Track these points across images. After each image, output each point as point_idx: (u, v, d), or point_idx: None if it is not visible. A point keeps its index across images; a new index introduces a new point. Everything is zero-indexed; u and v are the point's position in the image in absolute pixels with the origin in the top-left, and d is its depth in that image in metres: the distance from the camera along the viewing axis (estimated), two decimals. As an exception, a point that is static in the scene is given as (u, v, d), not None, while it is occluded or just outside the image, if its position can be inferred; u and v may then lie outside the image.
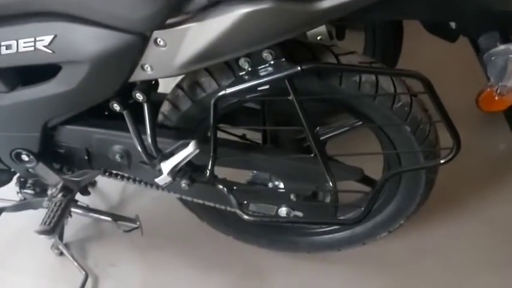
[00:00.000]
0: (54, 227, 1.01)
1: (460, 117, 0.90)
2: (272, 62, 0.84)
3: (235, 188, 0.99)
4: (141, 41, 0.79)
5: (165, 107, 1.04)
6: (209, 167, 0.94)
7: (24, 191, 1.14)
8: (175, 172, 0.91)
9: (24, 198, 1.15)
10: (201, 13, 0.75)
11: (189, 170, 0.96)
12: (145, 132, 0.93)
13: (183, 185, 0.96)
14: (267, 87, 0.85)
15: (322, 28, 1.25)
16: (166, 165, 0.90)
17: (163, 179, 0.91)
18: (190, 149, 0.87)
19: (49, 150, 1.04)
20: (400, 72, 0.82)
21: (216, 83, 0.95)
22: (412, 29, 1.13)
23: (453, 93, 0.91)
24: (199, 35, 0.76)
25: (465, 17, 0.80)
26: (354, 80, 0.93)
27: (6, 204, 1.22)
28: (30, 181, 1.13)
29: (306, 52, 0.91)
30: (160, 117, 1.05)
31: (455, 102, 0.85)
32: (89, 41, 0.79)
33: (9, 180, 1.17)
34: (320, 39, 1.25)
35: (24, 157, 1.03)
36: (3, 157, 1.04)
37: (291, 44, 0.90)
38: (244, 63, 0.84)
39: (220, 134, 0.96)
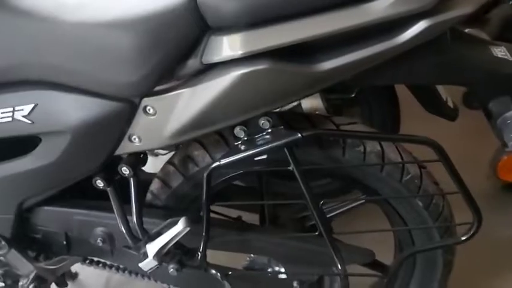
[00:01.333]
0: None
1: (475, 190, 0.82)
2: (270, 130, 0.78)
3: (230, 273, 0.87)
4: (129, 109, 0.73)
5: (155, 185, 0.96)
6: (201, 250, 0.84)
7: (-8, 283, 1.01)
8: (162, 255, 0.80)
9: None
10: (193, 78, 0.70)
11: (178, 253, 0.85)
12: (130, 212, 0.84)
13: (171, 270, 0.85)
14: (264, 157, 0.78)
15: (319, 103, 1.22)
16: (152, 247, 0.80)
17: (148, 263, 0.80)
18: (179, 227, 0.78)
19: (23, 235, 0.94)
20: (410, 138, 0.76)
21: (210, 156, 0.88)
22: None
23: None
24: (192, 101, 0.71)
25: (476, 81, 0.76)
26: (358, 150, 0.86)
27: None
28: (-1, 271, 1.01)
29: (305, 122, 0.86)
30: (148, 196, 0.96)
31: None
32: (71, 110, 0.73)
33: None
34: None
35: None
36: None
37: (289, 114, 0.85)
38: (239, 131, 0.78)
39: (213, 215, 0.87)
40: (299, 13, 0.63)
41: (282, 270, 0.94)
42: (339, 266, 0.83)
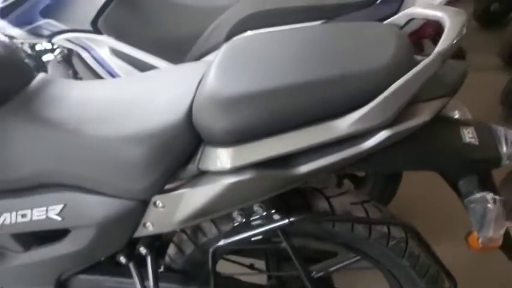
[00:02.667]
0: None
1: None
2: (264, 214, 0.89)
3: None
4: (142, 205, 0.86)
5: (171, 250, 1.08)
6: (211, 314, 0.96)
7: None
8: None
9: None
10: (193, 180, 0.83)
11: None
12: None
13: None
14: (260, 236, 0.90)
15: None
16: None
17: None
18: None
19: None
20: (388, 222, 0.86)
21: (216, 228, 1.00)
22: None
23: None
24: (193, 198, 0.83)
25: (444, 166, 0.84)
26: (347, 223, 0.96)
27: None
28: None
29: (297, 197, 0.96)
30: (167, 259, 1.09)
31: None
32: (95, 208, 0.87)
33: None
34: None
35: None
36: None
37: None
38: (237, 215, 0.90)
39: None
40: (278, 130, 0.75)
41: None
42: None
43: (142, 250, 0.95)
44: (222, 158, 0.76)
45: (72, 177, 0.86)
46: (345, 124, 0.72)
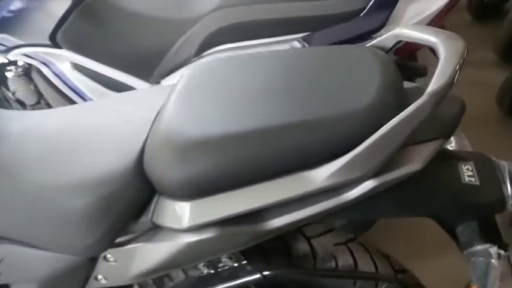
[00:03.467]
0: None
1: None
2: (235, 265, 0.77)
3: None
4: (90, 261, 0.74)
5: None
6: None
7: None
8: None
9: None
10: (147, 234, 0.71)
11: None
12: None
13: None
14: None
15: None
16: None
17: None
18: None
19: None
20: (375, 276, 0.75)
21: (184, 273, 0.89)
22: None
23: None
24: (148, 254, 0.71)
25: (440, 211, 0.73)
26: (330, 265, 0.85)
27: None
28: None
29: (275, 240, 0.85)
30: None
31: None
32: (35, 264, 0.74)
33: None
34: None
35: None
36: None
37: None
38: (203, 267, 0.78)
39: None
40: (245, 183, 0.63)
41: None
42: None
43: None
44: (177, 214, 0.64)
45: (9, 228, 0.73)
46: (321, 176, 0.61)
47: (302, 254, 0.85)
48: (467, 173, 0.73)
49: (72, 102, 1.31)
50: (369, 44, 0.76)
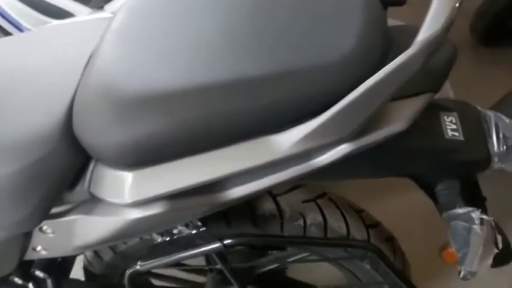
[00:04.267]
0: None
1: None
2: (193, 233, 0.69)
3: None
4: (24, 234, 0.64)
5: (89, 253, 0.89)
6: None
7: None
8: None
9: None
10: (86, 205, 0.60)
11: None
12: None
13: None
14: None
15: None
16: None
17: None
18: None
19: None
20: (346, 243, 0.69)
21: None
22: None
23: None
24: (89, 227, 0.61)
25: (419, 169, 0.66)
26: (298, 224, 0.78)
27: None
28: None
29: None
30: (84, 261, 0.91)
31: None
32: None
33: None
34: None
35: None
36: None
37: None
38: (156, 236, 0.69)
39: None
40: (198, 149, 0.52)
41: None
42: None
43: (39, 273, 0.74)
44: (117, 186, 0.53)
45: None
46: (287, 142, 0.50)
47: (268, 214, 0.77)
48: (451, 126, 0.65)
49: (5, 32, 1.12)
50: None
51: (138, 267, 0.70)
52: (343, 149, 0.53)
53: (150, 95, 0.50)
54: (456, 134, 0.64)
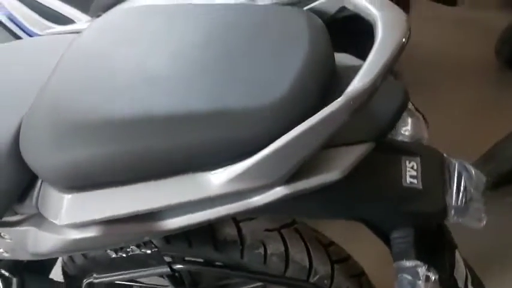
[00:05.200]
0: None
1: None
2: (148, 252, 0.70)
3: None
4: None
5: (65, 257, 0.92)
6: None
7: None
8: None
9: None
10: (37, 218, 0.62)
11: None
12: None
13: None
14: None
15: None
16: None
17: None
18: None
19: None
20: (285, 281, 0.68)
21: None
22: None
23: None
24: (41, 240, 0.63)
25: (371, 216, 0.64)
26: (258, 252, 0.78)
27: None
28: None
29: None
30: (62, 261, 0.94)
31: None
32: None
33: None
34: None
35: None
36: None
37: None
38: (111, 252, 0.71)
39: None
40: (131, 179, 0.53)
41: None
42: None
43: (4, 272, 0.78)
44: (56, 207, 0.55)
45: None
46: (220, 181, 0.50)
47: (229, 239, 0.77)
48: (411, 172, 0.63)
49: (14, 34, 1.18)
50: (308, 6, 0.62)
51: (92, 279, 0.72)
52: (276, 192, 0.52)
53: (84, 124, 0.52)
54: (415, 181, 0.62)
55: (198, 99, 0.51)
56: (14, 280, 0.79)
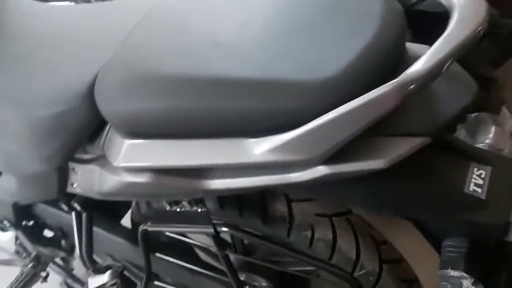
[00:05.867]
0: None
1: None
2: (198, 210, 0.73)
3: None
4: (59, 170, 0.75)
5: (133, 203, 1.00)
6: (141, 289, 0.88)
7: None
8: (100, 290, 0.86)
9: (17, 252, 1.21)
10: (103, 159, 0.68)
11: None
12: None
13: None
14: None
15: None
16: (93, 283, 0.86)
17: (92, 289, 0.88)
18: (105, 278, 0.82)
19: (27, 221, 1.07)
20: (328, 269, 0.66)
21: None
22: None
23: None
24: (103, 179, 0.69)
25: (423, 218, 0.60)
26: (305, 234, 0.77)
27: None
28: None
29: (256, 194, 0.78)
30: (132, 207, 1.02)
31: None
32: (21, 162, 0.78)
33: None
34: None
35: (6, 223, 1.08)
36: None
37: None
38: (165, 204, 0.75)
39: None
40: (180, 135, 0.56)
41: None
42: None
43: (77, 206, 0.86)
44: (116, 150, 0.60)
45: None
46: (258, 149, 0.51)
47: (278, 216, 0.78)
48: (477, 180, 0.58)
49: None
50: None
51: (147, 227, 0.77)
52: (317, 171, 0.51)
53: (155, 77, 0.56)
54: (478, 190, 0.57)
55: (254, 67, 0.51)
56: (84, 215, 0.88)
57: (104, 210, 0.98)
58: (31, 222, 1.07)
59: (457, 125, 0.53)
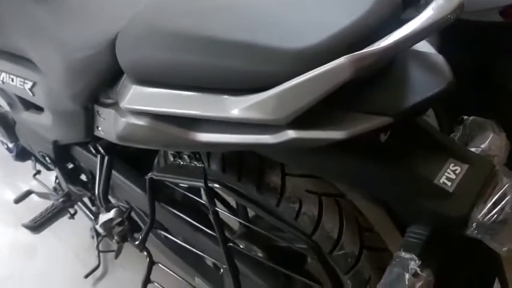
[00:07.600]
0: (38, 227, 1.17)
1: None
2: (193, 164, 0.80)
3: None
4: (86, 111, 0.85)
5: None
6: (143, 234, 0.97)
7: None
8: (107, 227, 0.96)
9: (55, 189, 1.35)
10: (118, 104, 0.77)
11: (127, 230, 1.00)
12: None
13: (114, 240, 1.01)
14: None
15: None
16: (102, 218, 0.96)
17: (98, 228, 0.98)
18: (111, 214, 0.91)
19: (65, 160, 1.20)
20: (292, 231, 0.70)
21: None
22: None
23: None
24: (118, 123, 0.78)
25: (392, 202, 0.63)
26: (293, 207, 0.81)
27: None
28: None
29: (251, 159, 0.83)
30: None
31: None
32: (53, 98, 0.89)
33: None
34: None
35: (47, 159, 1.21)
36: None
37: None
38: (170, 156, 0.83)
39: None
40: (175, 86, 0.63)
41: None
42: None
43: (101, 149, 0.96)
44: (125, 94, 0.69)
45: (40, 62, 0.87)
46: (235, 106, 0.57)
47: (271, 186, 0.83)
48: (450, 174, 0.60)
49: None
50: None
51: (153, 175, 0.85)
52: (285, 134, 0.56)
53: (161, 31, 0.64)
54: (448, 183, 0.59)
55: (244, 31, 0.57)
56: (106, 158, 0.98)
57: (128, 160, 1.07)
58: (70, 165, 1.20)
59: (425, 111, 0.55)
